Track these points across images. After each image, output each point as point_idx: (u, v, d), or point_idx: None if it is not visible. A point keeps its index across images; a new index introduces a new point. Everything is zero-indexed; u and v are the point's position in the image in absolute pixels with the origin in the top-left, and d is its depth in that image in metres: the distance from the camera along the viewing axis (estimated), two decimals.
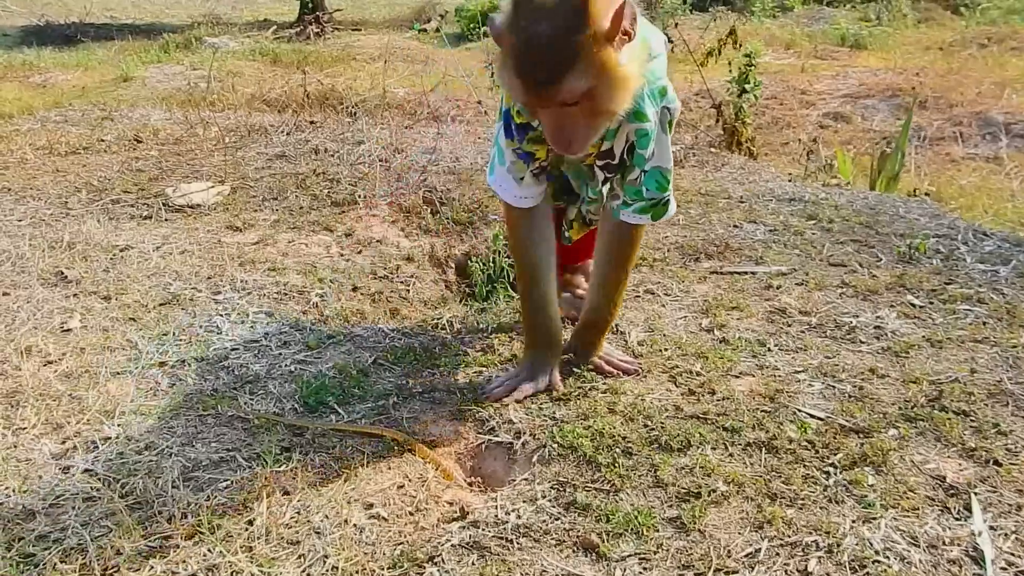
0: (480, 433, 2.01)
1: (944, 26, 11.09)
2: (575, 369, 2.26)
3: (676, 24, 6.52)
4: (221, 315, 2.50)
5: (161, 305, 2.54)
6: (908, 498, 1.75)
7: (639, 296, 2.77)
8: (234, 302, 2.58)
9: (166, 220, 3.27)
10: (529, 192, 2.10)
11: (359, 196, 3.59)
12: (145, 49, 10.23)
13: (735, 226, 3.38)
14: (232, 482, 1.75)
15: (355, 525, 1.65)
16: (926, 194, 4.32)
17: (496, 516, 1.70)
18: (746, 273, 2.95)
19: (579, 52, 1.59)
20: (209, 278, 2.73)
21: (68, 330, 2.38)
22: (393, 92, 6.26)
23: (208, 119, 4.75)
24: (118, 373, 2.17)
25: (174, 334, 2.38)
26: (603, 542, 1.63)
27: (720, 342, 2.43)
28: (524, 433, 1.99)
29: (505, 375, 2.21)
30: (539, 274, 2.16)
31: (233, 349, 2.33)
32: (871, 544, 1.61)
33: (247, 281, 2.72)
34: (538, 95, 1.65)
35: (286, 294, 2.68)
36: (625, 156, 2.03)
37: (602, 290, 2.21)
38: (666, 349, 2.40)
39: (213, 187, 3.56)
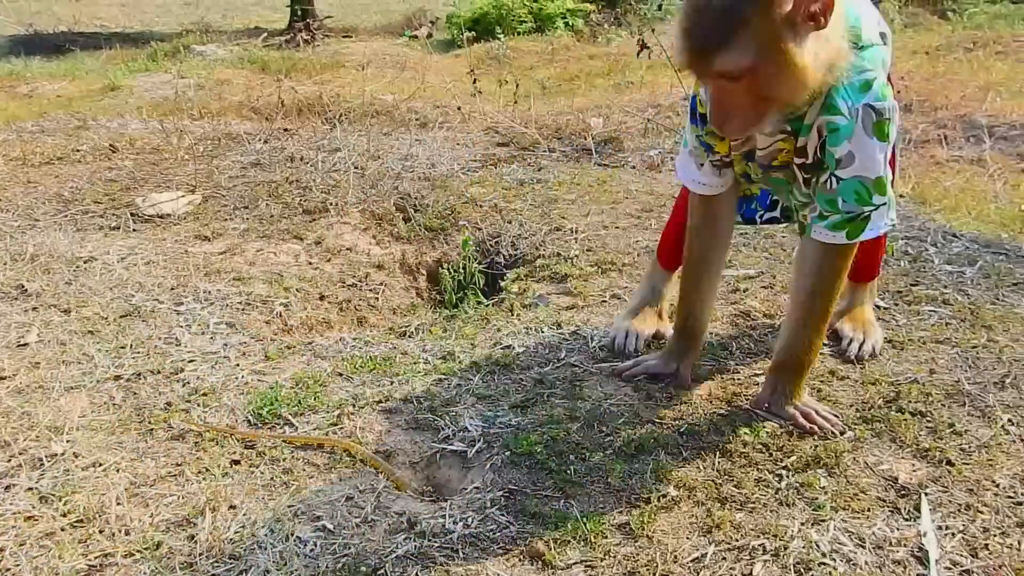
0: (435, 442, 2.00)
1: (931, 31, 11.09)
2: (540, 372, 2.26)
3: (653, 30, 6.50)
4: (181, 326, 2.50)
5: (121, 317, 2.53)
6: (859, 500, 1.74)
7: (605, 301, 2.77)
8: (196, 313, 2.57)
9: (134, 231, 3.26)
10: (709, 180, 2.04)
11: (331, 204, 3.59)
12: (133, 58, 10.22)
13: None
14: (178, 497, 1.74)
15: (299, 539, 1.64)
16: (901, 196, 4.31)
17: (444, 526, 1.69)
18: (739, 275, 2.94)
19: (745, 26, 1.50)
20: (172, 289, 2.72)
21: (24, 344, 2.37)
22: (381, 99, 6.26)
23: (184, 128, 4.75)
24: (72, 388, 2.16)
25: (132, 347, 2.37)
26: (550, 550, 1.62)
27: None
28: (479, 441, 1.98)
29: (644, 356, 2.30)
30: (698, 267, 2.14)
31: (190, 361, 2.32)
32: (818, 546, 1.61)
33: (211, 291, 2.71)
34: (695, 63, 1.58)
35: (250, 304, 2.67)
36: (819, 154, 1.82)
37: (795, 325, 1.99)
38: (627, 355, 2.39)
39: (184, 196, 3.55)
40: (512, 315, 2.71)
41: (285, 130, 4.70)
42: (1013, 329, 2.42)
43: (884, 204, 1.82)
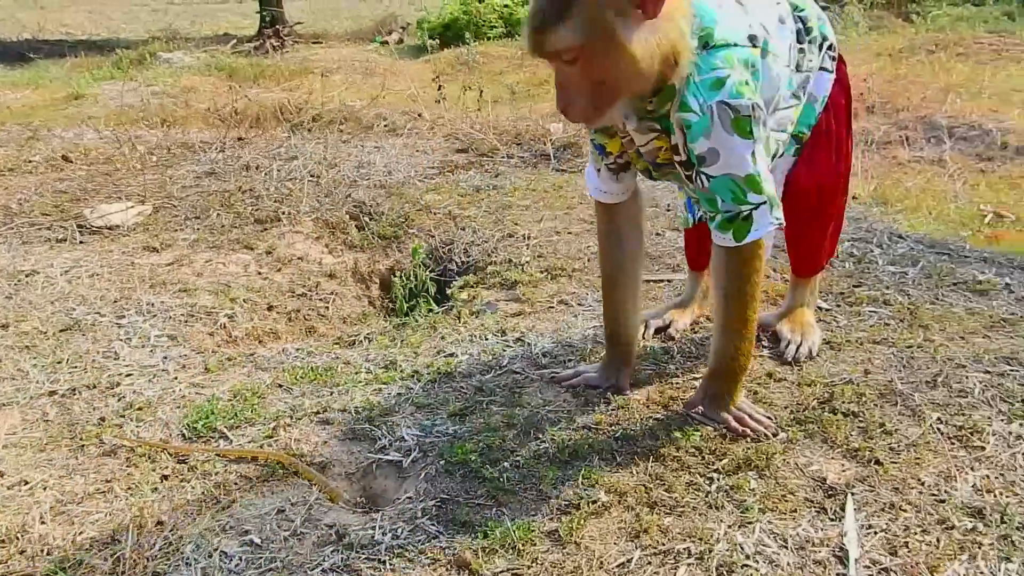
0: (371, 452, 2.00)
1: (895, 33, 11.20)
2: (480, 380, 2.27)
3: None
4: (121, 340, 2.48)
5: (61, 332, 2.52)
6: (787, 501, 1.76)
7: (552, 307, 2.78)
8: (137, 326, 2.56)
9: (81, 243, 3.24)
10: (608, 187, 2.09)
11: (283, 213, 3.58)
12: (98, 66, 10.14)
13: (658, 234, 3.39)
14: (105, 514, 1.73)
15: (225, 553, 1.63)
16: (854, 197, 4.35)
17: (372, 537, 1.69)
18: (663, 281, 2.96)
19: (575, 9, 1.61)
20: (115, 302, 2.71)
21: None
22: (348, 105, 6.25)
23: (138, 137, 4.72)
24: (3, 404, 2.14)
25: (68, 361, 2.35)
26: (477, 559, 1.62)
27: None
28: (415, 450, 1.98)
29: (582, 367, 2.31)
30: (612, 279, 2.18)
31: (128, 375, 2.30)
32: (742, 548, 1.62)
33: (154, 304, 2.70)
34: (532, 43, 1.68)
35: (193, 315, 2.66)
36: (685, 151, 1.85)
37: (717, 331, 2.01)
38: (570, 359, 2.40)
39: (133, 207, 3.53)
40: (459, 323, 2.72)
41: (239, 139, 4.67)
42: (949, 328, 2.45)
43: (764, 203, 1.83)
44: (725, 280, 1.93)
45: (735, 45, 1.77)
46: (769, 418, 2.02)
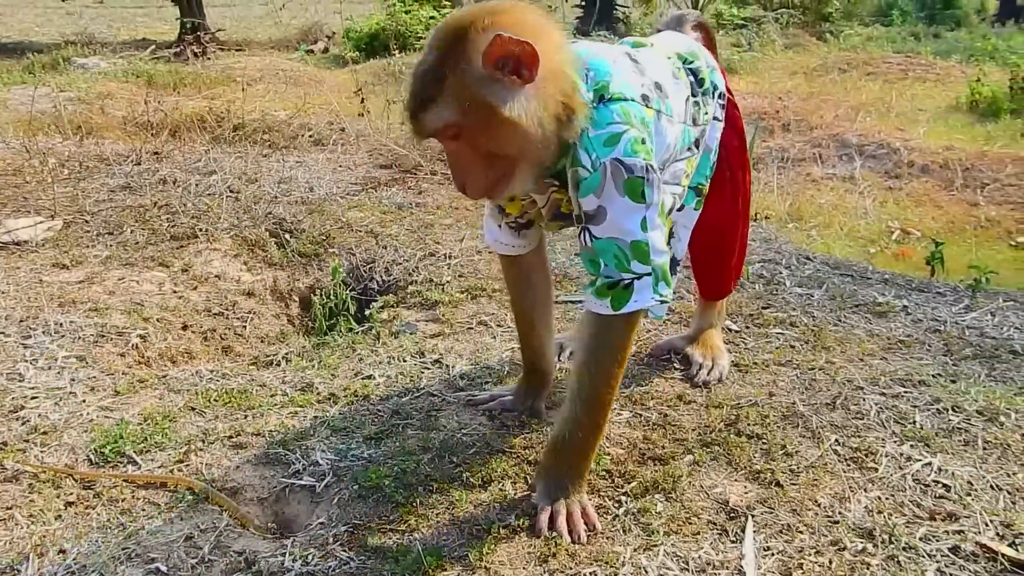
0: (284, 477, 2.00)
1: (810, 52, 11.60)
2: (397, 403, 2.28)
3: None
4: (27, 360, 2.42)
5: None
6: (691, 523, 1.81)
7: (472, 328, 2.81)
8: (44, 346, 2.50)
9: None
10: (509, 240, 2.06)
11: (200, 230, 3.53)
12: (8, 69, 9.79)
13: (577, 254, 3.45)
14: (4, 543, 1.69)
15: None
16: (766, 217, 4.50)
17: (282, 564, 1.69)
18: (579, 303, 3.02)
19: (444, 85, 1.58)
20: (21, 321, 2.63)
21: None
22: (273, 115, 6.18)
23: (49, 149, 4.59)
24: None
25: None
26: None
27: None
28: (328, 475, 1.98)
29: (498, 390, 2.32)
30: (527, 320, 2.18)
31: (33, 398, 2.25)
32: (646, 572, 1.67)
33: (63, 323, 2.63)
34: (412, 125, 1.65)
35: (103, 335, 2.61)
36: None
37: (572, 400, 1.81)
38: (487, 382, 2.43)
39: (43, 222, 3.44)
40: (378, 343, 2.73)
41: (155, 153, 4.59)
42: (849, 350, 2.56)
43: (648, 274, 1.72)
44: (590, 349, 1.79)
45: (631, 100, 1.72)
46: (592, 525, 1.79)
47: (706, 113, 2.09)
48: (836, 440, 2.09)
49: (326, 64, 11.38)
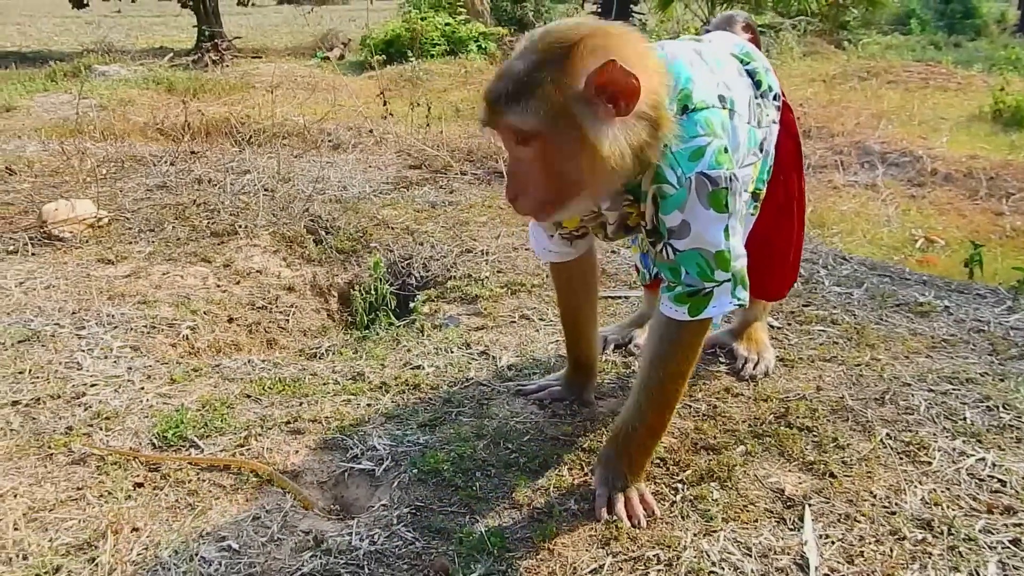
0: (343, 461, 2.03)
1: (828, 59, 11.65)
2: (448, 392, 2.31)
3: None
4: (83, 350, 2.46)
5: (20, 342, 2.48)
6: (748, 511, 1.83)
7: (514, 321, 2.83)
8: (98, 337, 2.53)
9: (33, 254, 3.18)
10: (559, 249, 2.05)
11: (240, 226, 3.57)
12: (31, 78, 9.88)
13: (613, 251, 3.48)
14: (79, 521, 1.72)
15: (204, 559, 1.64)
16: None
17: (350, 543, 1.72)
18: (620, 298, 3.05)
19: (538, 89, 1.52)
20: (74, 313, 2.67)
21: None
22: (292, 120, 6.23)
23: (85, 150, 4.64)
24: None
25: (30, 372, 2.32)
26: (455, 565, 1.66)
27: None
28: (387, 460, 2.01)
29: (546, 379, 2.34)
30: (573, 318, 2.20)
31: (92, 385, 2.28)
32: (708, 556, 1.69)
33: (114, 315, 2.67)
34: (489, 113, 1.59)
35: (155, 327, 2.65)
36: (655, 222, 1.74)
37: (634, 397, 1.85)
38: (535, 373, 2.46)
39: (86, 219, 3.48)
40: (422, 336, 2.75)
41: (192, 152, 4.64)
42: (894, 348, 2.58)
43: (728, 281, 1.72)
44: (661, 350, 1.79)
45: (712, 107, 1.68)
46: (652, 513, 1.82)
47: (767, 115, 2.06)
48: (887, 434, 2.11)
49: (343, 70, 11.45)
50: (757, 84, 2.04)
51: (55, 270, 3.00)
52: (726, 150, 1.67)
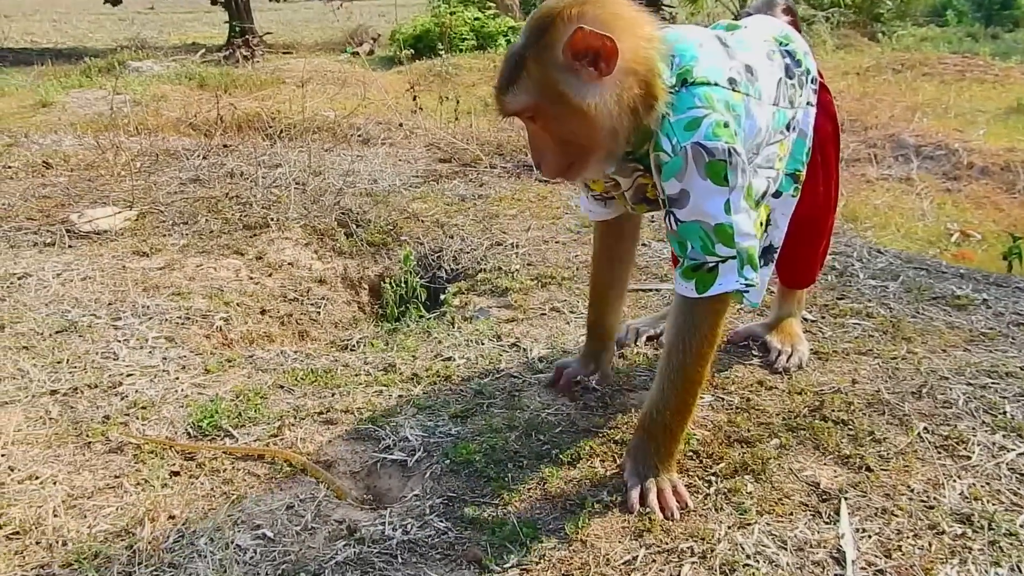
0: (375, 451, 2.03)
1: (862, 52, 11.50)
2: (479, 383, 2.31)
3: None
4: (119, 341, 2.48)
5: (57, 333, 2.51)
6: (783, 504, 1.81)
7: (545, 314, 2.83)
8: (134, 328, 2.56)
9: (70, 247, 3.23)
10: (595, 208, 2.14)
11: (272, 219, 3.59)
12: (66, 74, 10.01)
13: (644, 244, 3.46)
14: (116, 508, 1.75)
15: (239, 546, 1.65)
16: None
17: (383, 532, 1.72)
18: (651, 290, 3.03)
19: (525, 69, 1.65)
20: (110, 304, 2.71)
21: None
22: (323, 115, 6.26)
23: (120, 144, 4.70)
24: (6, 402, 2.14)
25: (68, 361, 2.35)
26: (487, 555, 1.66)
27: (619, 357, 2.49)
28: (419, 450, 2.01)
29: (561, 361, 2.35)
30: (597, 282, 2.24)
31: (128, 375, 2.31)
32: (743, 548, 1.67)
33: (149, 306, 2.70)
34: (496, 101, 1.74)
35: (189, 318, 2.67)
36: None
37: (658, 379, 1.85)
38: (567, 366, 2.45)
39: (121, 212, 3.53)
40: (453, 328, 2.76)
41: (225, 146, 4.68)
42: (931, 341, 2.54)
43: (733, 258, 1.72)
44: (679, 331, 1.79)
45: (715, 84, 1.72)
46: (685, 505, 1.81)
47: (801, 96, 2.06)
48: (925, 428, 2.08)
49: (372, 65, 11.48)
50: (797, 63, 2.05)
51: (91, 262, 3.04)
52: (726, 125, 1.70)
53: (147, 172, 4.26)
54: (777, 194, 2.08)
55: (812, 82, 2.11)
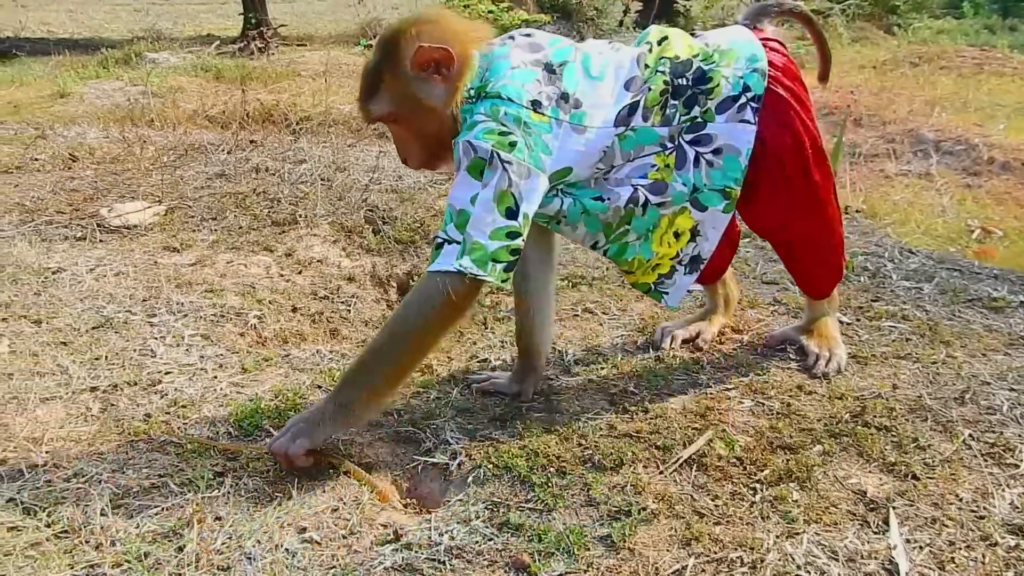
0: (416, 455, 2.03)
1: (878, 45, 11.39)
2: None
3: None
4: (156, 338, 2.48)
5: (94, 329, 2.51)
6: (830, 513, 1.80)
7: (577, 315, 2.82)
8: (170, 325, 2.56)
9: (101, 241, 3.22)
10: None
11: (300, 216, 3.59)
12: (83, 64, 9.99)
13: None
14: (163, 508, 1.74)
15: (287, 550, 1.65)
16: (858, 211, 4.44)
17: (429, 538, 1.71)
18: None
19: (382, 81, 1.95)
20: (144, 300, 2.70)
21: None
22: (339, 108, 6.24)
23: (145, 137, 4.70)
24: (47, 399, 2.14)
25: (107, 358, 2.35)
26: (534, 562, 1.65)
27: (655, 361, 2.48)
28: (460, 454, 2.00)
29: (496, 373, 2.40)
30: (522, 303, 2.31)
31: (167, 373, 2.31)
32: (793, 559, 1.66)
33: (183, 303, 2.70)
34: (360, 111, 2.03)
35: (223, 316, 2.67)
36: None
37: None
38: (602, 368, 2.44)
39: (150, 207, 3.52)
40: (486, 329, 2.75)
41: (252, 141, 4.67)
42: (970, 345, 2.52)
43: (458, 243, 1.83)
44: (409, 295, 1.95)
45: (507, 100, 1.89)
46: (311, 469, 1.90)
47: (689, 115, 2.08)
48: (970, 435, 2.06)
49: None
50: (702, 81, 2.09)
51: (123, 257, 3.04)
52: (501, 134, 1.87)
53: (173, 166, 4.25)
54: (702, 208, 2.14)
55: (753, 100, 2.09)
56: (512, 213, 1.86)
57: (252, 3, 14.35)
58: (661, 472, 1.94)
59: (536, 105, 1.92)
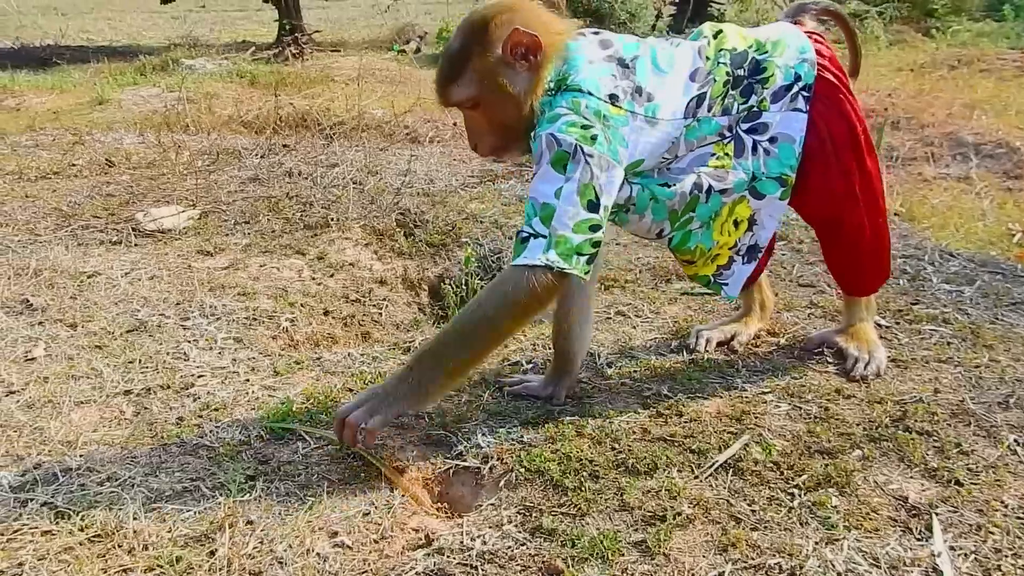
0: (448, 458, 2.01)
1: (916, 48, 11.21)
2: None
3: None
4: (189, 341, 2.49)
5: (128, 332, 2.53)
6: (871, 519, 1.76)
7: (610, 318, 2.79)
8: (203, 328, 2.57)
9: (136, 245, 3.26)
10: None
11: (332, 219, 3.60)
12: (121, 71, 10.14)
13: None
14: (195, 512, 1.74)
15: (319, 554, 1.64)
16: (896, 214, 4.37)
17: (461, 542, 1.70)
18: (701, 294, 2.97)
19: (469, 65, 1.92)
20: (178, 304, 2.72)
21: (32, 359, 2.36)
22: (371, 113, 6.27)
23: (181, 143, 4.74)
24: (82, 402, 2.16)
25: (140, 361, 2.36)
26: (568, 567, 1.62)
27: (689, 363, 2.45)
28: (492, 458, 1.99)
29: (529, 376, 2.38)
30: (562, 306, 2.28)
31: (200, 376, 2.32)
32: (833, 566, 1.62)
33: (216, 306, 2.71)
34: (439, 95, 1.99)
35: (256, 319, 2.68)
36: None
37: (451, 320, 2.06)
38: (635, 371, 2.41)
39: (184, 211, 3.55)
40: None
41: (284, 145, 4.70)
42: (1014, 349, 2.45)
43: (544, 237, 1.83)
44: (490, 285, 1.94)
45: (588, 93, 1.90)
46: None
47: (746, 105, 2.12)
48: (1015, 440, 2.00)
49: (419, 63, 11.48)
50: (758, 71, 2.13)
51: (157, 261, 3.06)
52: (584, 127, 1.87)
53: (207, 171, 4.29)
54: (759, 196, 2.17)
55: (805, 89, 2.14)
56: (594, 206, 1.87)
57: (287, 9, 14.47)
58: (696, 476, 1.90)
59: (614, 99, 1.94)
